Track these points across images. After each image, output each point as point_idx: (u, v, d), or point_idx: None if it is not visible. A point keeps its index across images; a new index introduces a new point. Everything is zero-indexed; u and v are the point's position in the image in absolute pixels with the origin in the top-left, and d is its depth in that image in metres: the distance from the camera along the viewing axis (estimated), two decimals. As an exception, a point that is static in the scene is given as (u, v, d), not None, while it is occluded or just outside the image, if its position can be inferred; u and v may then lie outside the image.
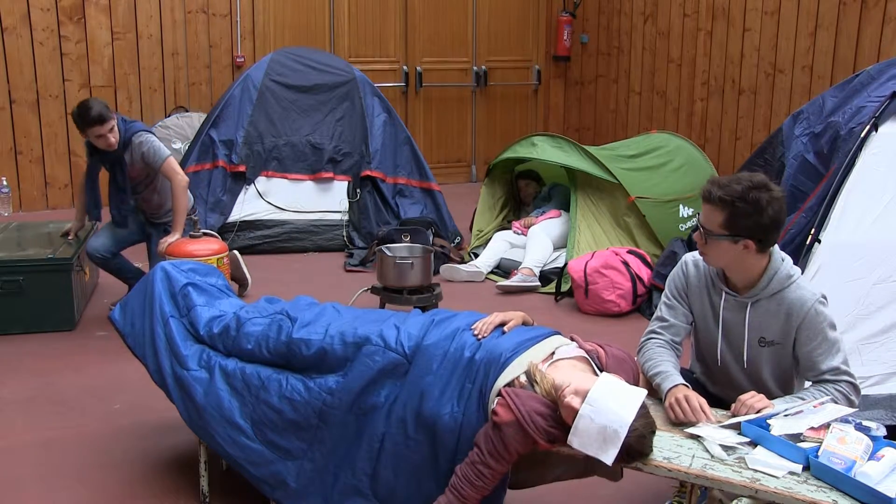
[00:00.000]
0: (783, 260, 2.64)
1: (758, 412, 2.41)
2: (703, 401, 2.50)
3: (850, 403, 2.55)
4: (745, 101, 7.27)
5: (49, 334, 4.59)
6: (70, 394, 3.90)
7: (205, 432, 2.84)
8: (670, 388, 2.55)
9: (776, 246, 2.63)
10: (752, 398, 2.47)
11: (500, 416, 2.31)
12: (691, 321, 2.81)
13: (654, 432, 2.29)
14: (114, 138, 4.51)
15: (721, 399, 2.77)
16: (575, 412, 2.21)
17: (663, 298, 2.85)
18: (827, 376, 2.57)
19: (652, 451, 2.27)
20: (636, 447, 2.21)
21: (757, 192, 2.48)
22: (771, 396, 2.62)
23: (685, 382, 2.58)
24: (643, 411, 2.24)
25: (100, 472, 3.22)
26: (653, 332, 2.82)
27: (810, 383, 2.63)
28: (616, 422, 2.16)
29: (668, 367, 2.64)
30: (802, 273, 3.35)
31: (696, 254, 2.77)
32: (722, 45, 7.44)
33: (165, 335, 2.99)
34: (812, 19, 6.56)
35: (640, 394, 2.26)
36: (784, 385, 2.71)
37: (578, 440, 2.20)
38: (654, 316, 2.87)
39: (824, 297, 2.61)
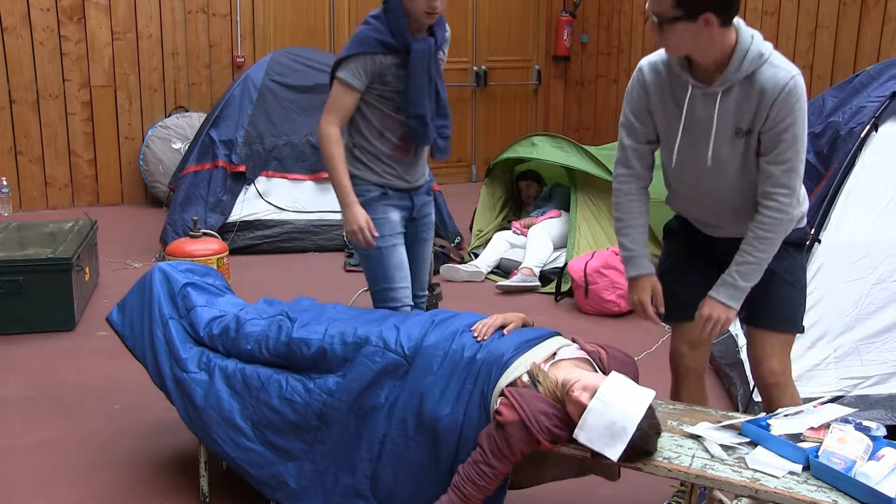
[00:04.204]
0: (752, 36, 2.37)
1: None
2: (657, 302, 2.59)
3: (777, 222, 2.41)
4: (745, 101, 7.25)
5: (49, 334, 4.58)
6: (70, 394, 3.90)
7: (205, 434, 2.84)
8: (633, 279, 2.66)
9: (741, 21, 2.37)
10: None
11: (505, 416, 2.31)
12: (656, 136, 2.60)
13: (659, 433, 2.30)
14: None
15: (708, 238, 2.72)
16: (583, 407, 2.22)
17: (622, 118, 2.62)
18: (769, 189, 2.41)
19: (657, 450, 2.28)
20: (641, 445, 2.22)
21: None
22: (732, 211, 2.54)
23: (649, 271, 2.64)
24: (650, 412, 2.25)
25: (100, 472, 3.22)
26: (619, 175, 2.68)
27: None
28: (625, 418, 2.17)
29: (635, 247, 2.68)
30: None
31: (650, 57, 2.58)
32: (722, 45, 7.43)
33: (164, 338, 2.98)
34: (812, 19, 6.56)
35: (649, 394, 2.27)
36: (749, 192, 2.51)
37: (585, 435, 2.21)
38: (617, 146, 2.66)
39: (800, 74, 2.38)
